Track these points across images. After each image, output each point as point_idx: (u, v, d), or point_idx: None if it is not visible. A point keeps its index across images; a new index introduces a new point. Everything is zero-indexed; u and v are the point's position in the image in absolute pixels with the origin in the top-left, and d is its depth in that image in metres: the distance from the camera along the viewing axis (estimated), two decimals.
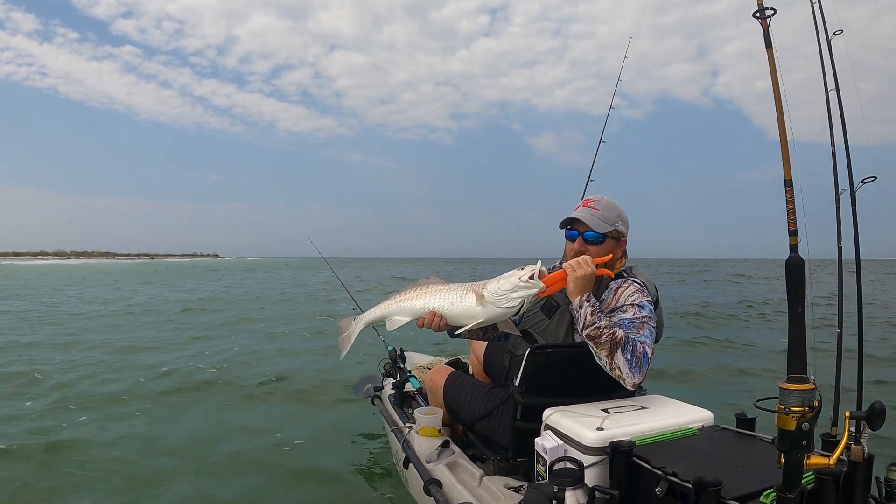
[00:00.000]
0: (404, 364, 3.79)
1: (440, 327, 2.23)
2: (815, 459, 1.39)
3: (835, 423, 2.23)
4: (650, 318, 2.08)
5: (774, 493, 1.40)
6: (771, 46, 1.58)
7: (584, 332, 2.04)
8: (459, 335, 2.34)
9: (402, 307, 2.31)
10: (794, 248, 1.44)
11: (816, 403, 1.34)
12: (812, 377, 1.37)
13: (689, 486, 1.45)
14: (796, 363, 1.38)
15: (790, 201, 1.45)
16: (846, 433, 1.51)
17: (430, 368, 3.72)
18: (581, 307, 2.08)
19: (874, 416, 1.52)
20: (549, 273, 2.11)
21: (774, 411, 1.36)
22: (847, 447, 1.58)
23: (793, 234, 1.44)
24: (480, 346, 2.99)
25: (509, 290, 2.05)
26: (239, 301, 15.98)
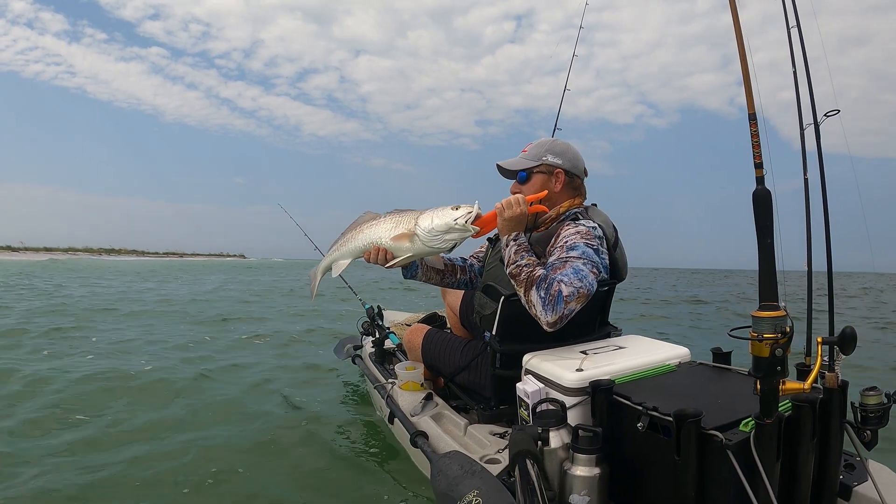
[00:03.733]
0: (382, 321, 3.79)
1: (386, 260, 2.21)
2: (791, 385, 1.40)
3: (808, 353, 2.27)
4: (580, 257, 1.98)
5: (753, 421, 1.43)
6: None
7: (507, 271, 2.03)
8: (409, 275, 2.44)
9: (342, 251, 2.32)
10: (760, 180, 1.43)
11: (788, 329, 1.35)
12: (783, 304, 1.38)
13: (670, 419, 1.47)
14: (767, 292, 1.38)
15: (755, 135, 1.44)
16: (819, 359, 1.52)
17: (408, 325, 3.73)
18: (507, 245, 2.07)
19: (846, 341, 1.54)
20: (483, 215, 2.11)
21: (748, 339, 1.37)
22: (821, 375, 1.61)
23: (758, 166, 1.43)
24: (455, 299, 2.99)
25: (443, 231, 2.04)
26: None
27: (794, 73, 2.61)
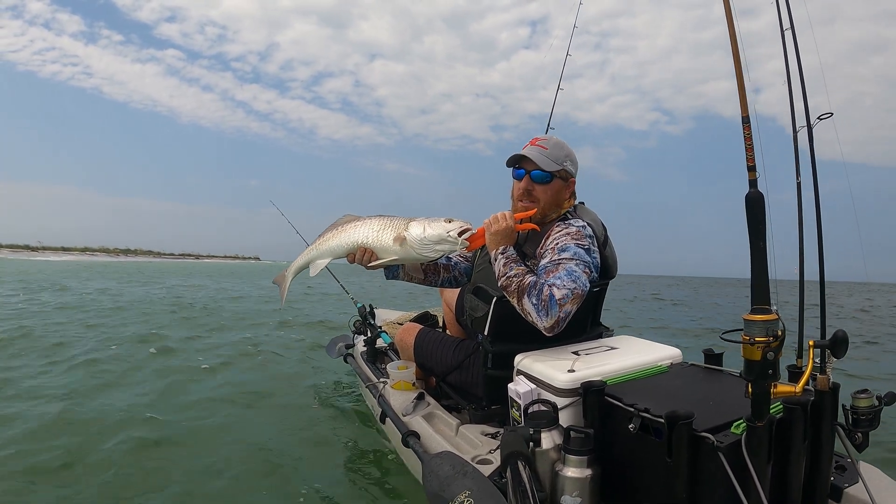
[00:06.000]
0: (374, 320, 3.78)
1: (369, 261, 2.19)
2: (782, 388, 1.40)
3: (800, 356, 2.28)
4: (572, 258, 1.98)
5: (745, 424, 1.43)
6: None
7: (499, 284, 2.03)
8: (391, 276, 2.46)
9: (321, 250, 2.28)
10: (752, 183, 1.43)
11: (780, 333, 1.35)
12: (775, 307, 1.38)
13: (662, 420, 1.47)
14: (759, 295, 1.38)
15: (748, 138, 1.44)
16: (811, 362, 1.53)
17: (400, 324, 3.72)
18: (496, 259, 2.07)
19: (837, 344, 1.54)
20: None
21: (739, 342, 1.37)
22: (813, 377, 1.61)
23: (751, 169, 1.43)
24: (452, 296, 2.98)
25: (434, 242, 2.06)
26: None
27: (788, 75, 2.62)
